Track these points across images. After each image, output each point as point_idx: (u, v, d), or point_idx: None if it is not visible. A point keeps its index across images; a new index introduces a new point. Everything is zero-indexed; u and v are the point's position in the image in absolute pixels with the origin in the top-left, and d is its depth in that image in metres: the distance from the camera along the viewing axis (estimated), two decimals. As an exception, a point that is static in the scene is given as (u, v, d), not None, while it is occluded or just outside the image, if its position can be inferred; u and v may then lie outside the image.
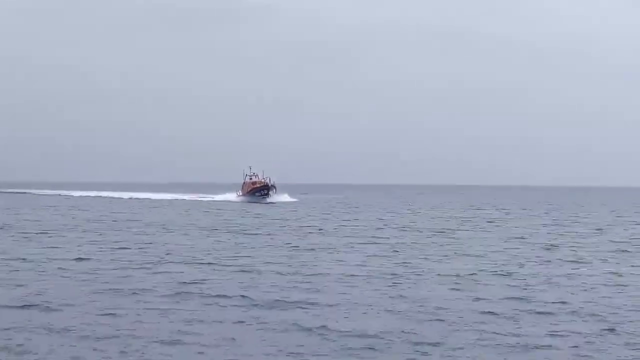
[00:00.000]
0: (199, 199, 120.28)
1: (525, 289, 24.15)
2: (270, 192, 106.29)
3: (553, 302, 21.40)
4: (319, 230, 51.01)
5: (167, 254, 33.48)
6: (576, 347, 16.31)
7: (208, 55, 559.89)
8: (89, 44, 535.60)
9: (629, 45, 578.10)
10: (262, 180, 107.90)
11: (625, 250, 38.01)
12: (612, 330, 17.88)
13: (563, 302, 21.44)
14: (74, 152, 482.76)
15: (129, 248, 36.33)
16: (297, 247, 38.03)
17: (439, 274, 27.44)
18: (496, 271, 28.58)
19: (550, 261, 32.35)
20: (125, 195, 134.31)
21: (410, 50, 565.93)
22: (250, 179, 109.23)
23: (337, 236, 45.44)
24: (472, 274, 27.48)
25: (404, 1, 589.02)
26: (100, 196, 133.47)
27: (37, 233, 45.37)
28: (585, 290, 24.17)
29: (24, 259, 31.15)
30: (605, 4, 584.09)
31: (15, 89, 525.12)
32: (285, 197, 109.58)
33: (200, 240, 41.97)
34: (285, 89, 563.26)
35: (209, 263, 30.38)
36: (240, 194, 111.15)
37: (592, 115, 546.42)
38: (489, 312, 19.84)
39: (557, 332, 17.65)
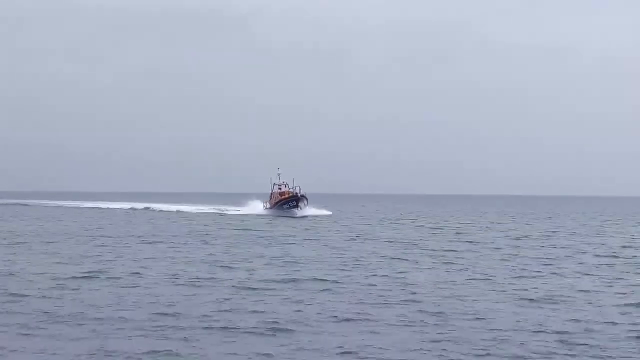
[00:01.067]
0: (222, 212, 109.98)
1: None
2: (300, 204, 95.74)
3: None
4: None
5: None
6: None
7: (212, 60, 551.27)
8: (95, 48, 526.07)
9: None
10: (291, 191, 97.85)
11: None
12: None
13: None
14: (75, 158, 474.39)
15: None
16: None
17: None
18: None
19: None
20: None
21: (410, 50, 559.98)
22: (280, 188, 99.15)
23: None
24: None
25: (404, 1, 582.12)
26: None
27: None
28: None
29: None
30: (602, 3, 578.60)
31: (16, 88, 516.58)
32: (317, 210, 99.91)
33: None
34: (285, 91, 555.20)
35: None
36: (268, 206, 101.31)
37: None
38: None
39: None
